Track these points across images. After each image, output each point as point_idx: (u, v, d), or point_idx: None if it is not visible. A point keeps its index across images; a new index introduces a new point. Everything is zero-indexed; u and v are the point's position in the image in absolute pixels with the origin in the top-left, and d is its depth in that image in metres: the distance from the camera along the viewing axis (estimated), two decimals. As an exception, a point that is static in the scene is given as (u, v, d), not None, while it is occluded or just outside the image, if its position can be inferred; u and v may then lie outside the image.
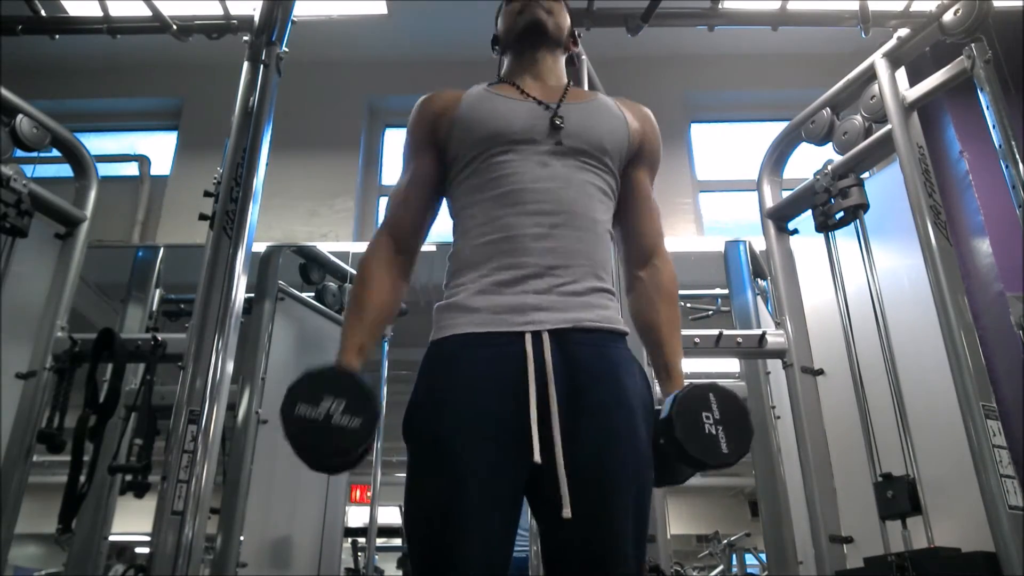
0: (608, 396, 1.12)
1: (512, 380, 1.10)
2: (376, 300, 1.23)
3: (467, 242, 1.23)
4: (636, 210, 1.32)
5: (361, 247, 4.72)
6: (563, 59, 1.41)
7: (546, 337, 1.12)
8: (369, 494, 3.91)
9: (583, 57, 2.41)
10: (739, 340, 2.66)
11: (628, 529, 1.07)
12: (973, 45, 2.22)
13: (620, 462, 1.09)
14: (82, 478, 2.30)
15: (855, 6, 2.40)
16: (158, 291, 3.27)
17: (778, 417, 2.87)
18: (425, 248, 1.36)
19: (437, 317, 1.21)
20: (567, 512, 1.03)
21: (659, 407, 1.17)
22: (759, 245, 3.07)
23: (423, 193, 1.30)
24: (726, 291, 3.34)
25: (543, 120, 1.24)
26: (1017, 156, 2.10)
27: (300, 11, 2.42)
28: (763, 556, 5.25)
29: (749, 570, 6.11)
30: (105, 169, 3.74)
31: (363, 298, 1.23)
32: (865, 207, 2.43)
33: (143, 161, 4.76)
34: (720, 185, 4.81)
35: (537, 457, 1.04)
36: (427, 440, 1.12)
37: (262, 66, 2.29)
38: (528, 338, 1.12)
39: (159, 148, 4.89)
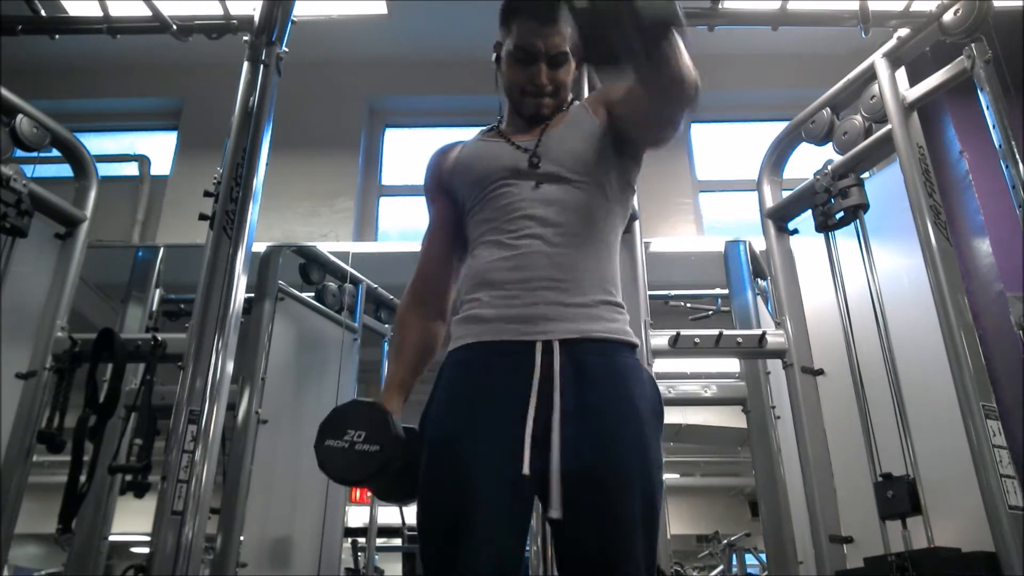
0: (615, 403, 1.15)
1: (521, 388, 1.14)
2: (411, 342, 1.34)
3: (479, 262, 1.29)
4: (627, 91, 1.27)
5: (361, 247, 4.74)
6: None
7: (556, 347, 1.16)
8: (369, 494, 3.91)
9: (583, 57, 2.40)
10: (739, 340, 2.66)
11: (637, 532, 1.10)
12: (973, 45, 2.22)
13: (627, 467, 1.12)
14: (82, 478, 2.29)
15: (855, 6, 2.40)
16: (158, 291, 3.27)
17: (778, 417, 2.87)
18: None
19: (453, 330, 1.27)
20: (556, 513, 1.07)
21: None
22: (759, 245, 3.07)
23: (444, 235, 1.39)
24: (726, 291, 3.34)
25: (524, 158, 1.31)
26: (1017, 156, 2.09)
27: (300, 11, 2.42)
28: (763, 556, 5.25)
29: (749, 570, 6.11)
30: (105, 169, 3.74)
31: (399, 342, 1.36)
32: (865, 207, 2.43)
33: (143, 161, 4.76)
34: (720, 185, 4.81)
35: (526, 469, 1.08)
36: (439, 443, 1.16)
37: (262, 66, 2.29)
38: (538, 347, 1.16)
39: (159, 148, 4.89)
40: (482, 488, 1.09)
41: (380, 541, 4.48)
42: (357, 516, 4.86)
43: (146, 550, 1.76)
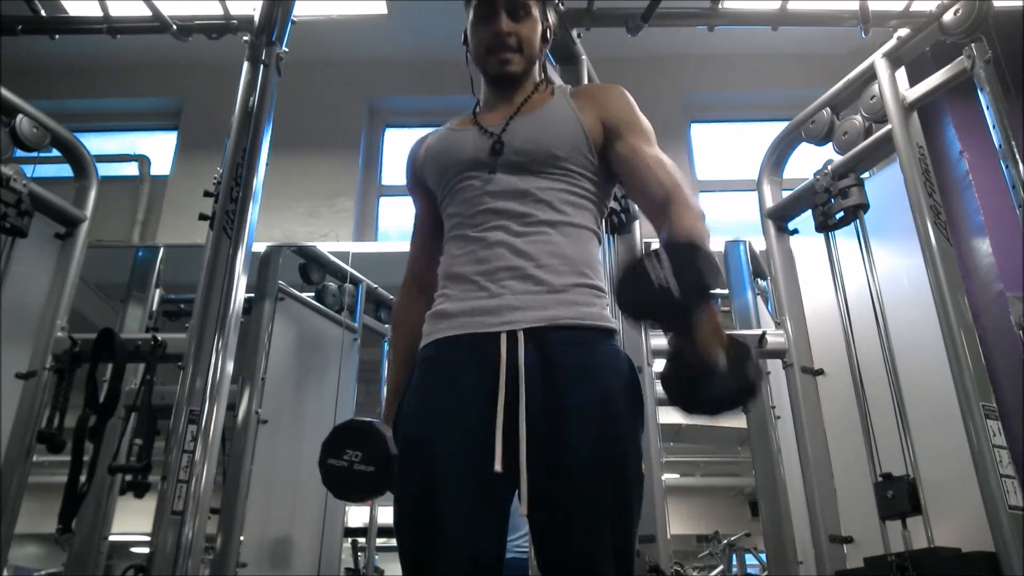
0: (586, 397, 1.11)
1: (487, 381, 1.11)
2: (407, 344, 1.32)
3: (448, 257, 1.27)
4: (631, 173, 1.26)
5: (361, 247, 4.74)
6: (537, 65, 1.39)
7: (521, 336, 1.13)
8: (369, 494, 3.90)
9: (583, 57, 2.40)
10: (739, 340, 2.66)
11: (606, 529, 1.07)
12: (973, 45, 2.22)
13: (597, 464, 1.08)
14: (82, 478, 2.29)
15: (855, 6, 2.40)
16: (158, 291, 3.27)
17: (778, 417, 2.86)
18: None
19: (423, 327, 1.26)
20: (524, 510, 1.05)
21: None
22: (759, 245, 3.07)
23: (429, 230, 1.38)
24: (726, 291, 3.34)
25: (487, 145, 1.27)
26: (1017, 156, 2.10)
27: (300, 11, 2.41)
28: (763, 556, 5.25)
29: (749, 570, 6.11)
30: (105, 169, 3.75)
31: (396, 346, 1.38)
32: (865, 207, 2.43)
33: (143, 161, 4.77)
34: (720, 185, 4.82)
35: (498, 467, 1.06)
36: (410, 444, 1.15)
37: (262, 66, 2.29)
38: (503, 338, 1.13)
39: (159, 148, 4.89)
40: (451, 489, 1.08)
41: (380, 541, 4.47)
42: (357, 516, 4.86)
43: (146, 550, 1.76)
